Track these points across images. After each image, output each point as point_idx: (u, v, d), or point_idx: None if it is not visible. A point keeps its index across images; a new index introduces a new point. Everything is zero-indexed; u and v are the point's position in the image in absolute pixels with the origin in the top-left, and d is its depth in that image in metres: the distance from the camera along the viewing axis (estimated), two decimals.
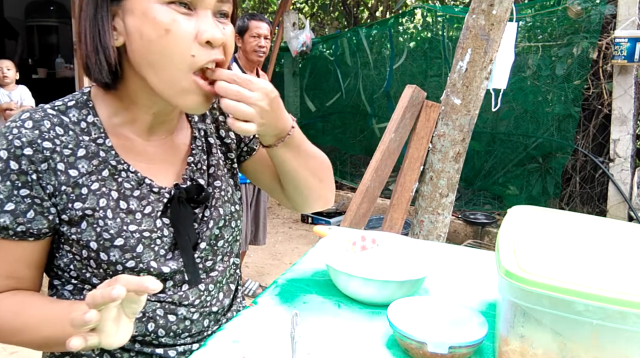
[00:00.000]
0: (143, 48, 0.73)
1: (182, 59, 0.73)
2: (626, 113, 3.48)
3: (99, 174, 0.79)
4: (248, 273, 3.63)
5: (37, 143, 0.74)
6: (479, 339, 0.77)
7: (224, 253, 0.94)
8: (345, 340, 0.85)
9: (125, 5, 0.73)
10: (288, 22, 5.29)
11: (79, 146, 0.78)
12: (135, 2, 0.72)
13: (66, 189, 0.77)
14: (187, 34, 0.72)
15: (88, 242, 0.78)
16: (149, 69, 0.74)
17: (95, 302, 0.60)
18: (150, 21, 0.71)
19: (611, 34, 3.47)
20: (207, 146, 0.95)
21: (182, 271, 0.85)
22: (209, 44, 0.73)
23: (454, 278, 1.11)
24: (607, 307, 0.63)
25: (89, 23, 0.75)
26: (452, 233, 4.05)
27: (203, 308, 0.90)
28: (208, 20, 0.73)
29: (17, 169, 0.73)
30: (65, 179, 0.76)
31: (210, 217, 0.90)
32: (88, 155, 0.79)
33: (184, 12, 0.72)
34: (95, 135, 0.80)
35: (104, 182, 0.80)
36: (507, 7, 2.09)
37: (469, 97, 2.17)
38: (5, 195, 0.74)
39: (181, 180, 0.89)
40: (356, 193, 2.25)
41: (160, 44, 0.72)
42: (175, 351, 0.87)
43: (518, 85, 3.97)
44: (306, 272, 1.12)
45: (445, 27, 4.62)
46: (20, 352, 2.68)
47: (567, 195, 3.95)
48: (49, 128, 0.76)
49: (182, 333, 0.87)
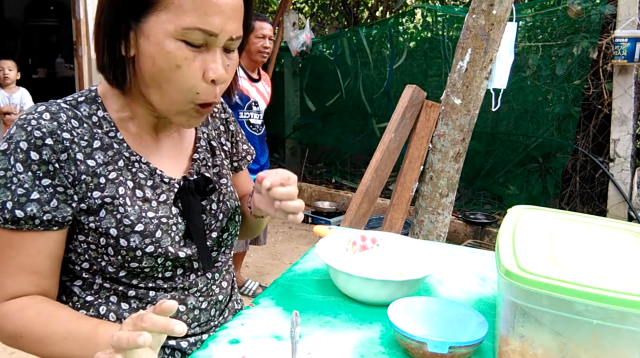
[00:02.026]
0: (154, 73, 0.78)
1: (188, 93, 0.79)
2: (626, 113, 3.49)
3: (115, 164, 0.83)
4: (248, 273, 3.63)
5: (57, 133, 0.77)
6: (479, 339, 0.77)
7: (227, 245, 0.99)
8: (345, 340, 0.85)
9: (142, 28, 0.77)
10: (288, 22, 5.29)
11: (94, 138, 0.82)
12: (152, 29, 0.76)
13: (85, 178, 0.80)
14: (196, 72, 0.77)
15: (108, 229, 0.81)
16: (155, 89, 0.80)
17: (120, 346, 0.60)
18: (164, 54, 0.75)
19: (611, 33, 3.47)
20: (211, 148, 1.01)
21: (192, 259, 0.89)
22: (214, 81, 0.79)
23: (454, 278, 1.11)
24: (607, 307, 0.63)
25: (107, 32, 0.80)
26: (452, 233, 4.05)
27: (210, 297, 0.94)
28: (216, 58, 0.78)
29: (38, 159, 0.76)
30: (84, 168, 0.80)
31: (220, 210, 0.96)
32: (103, 147, 0.83)
33: (194, 50, 0.77)
34: (106, 128, 0.84)
35: (120, 172, 0.83)
36: (507, 7, 2.09)
37: (469, 97, 2.17)
38: (29, 185, 0.76)
39: (188, 173, 0.94)
40: (356, 193, 2.25)
41: (169, 75, 0.77)
42: (187, 342, 0.90)
43: (518, 85, 3.97)
44: (306, 272, 1.12)
45: (445, 27, 4.62)
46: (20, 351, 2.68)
47: (567, 195, 3.95)
48: (66, 120, 0.79)
49: (192, 323, 0.91)
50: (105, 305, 0.86)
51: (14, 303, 0.79)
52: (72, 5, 4.32)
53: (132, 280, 0.85)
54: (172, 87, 0.78)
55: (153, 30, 0.76)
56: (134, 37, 0.78)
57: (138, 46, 0.78)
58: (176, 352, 0.89)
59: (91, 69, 4.38)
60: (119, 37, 0.79)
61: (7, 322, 0.78)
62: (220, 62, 0.79)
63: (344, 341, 0.84)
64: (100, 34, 0.81)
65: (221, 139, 1.05)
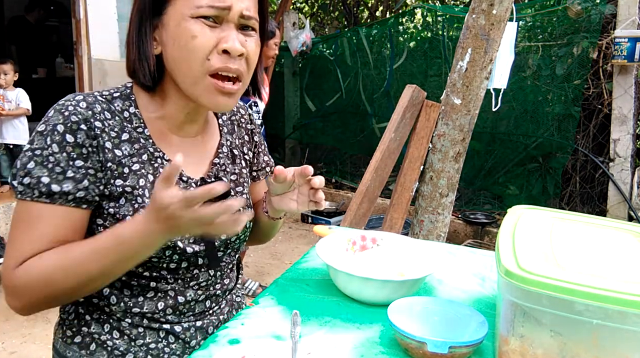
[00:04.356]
0: (174, 53, 0.85)
1: (200, 62, 0.83)
2: (626, 113, 3.49)
3: (139, 156, 0.88)
4: (248, 273, 3.63)
5: (90, 121, 0.83)
6: (479, 339, 0.77)
7: (234, 248, 1.02)
8: (345, 340, 0.85)
9: (164, 20, 0.86)
10: (288, 22, 5.30)
11: (123, 131, 0.88)
12: (171, 17, 0.85)
13: (111, 166, 0.85)
14: (209, 41, 0.83)
15: (124, 216, 0.86)
16: (178, 72, 0.86)
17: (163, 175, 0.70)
18: (182, 30, 0.83)
19: (611, 33, 3.48)
20: (232, 155, 1.05)
21: (198, 255, 0.92)
22: (226, 53, 0.84)
23: (454, 278, 1.11)
24: (607, 307, 0.63)
25: (135, 34, 0.88)
26: (452, 233, 4.06)
27: (208, 291, 0.98)
28: (230, 32, 0.84)
29: (73, 142, 0.82)
30: (111, 156, 0.85)
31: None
32: (130, 140, 0.88)
33: (210, 24, 0.83)
34: (135, 124, 0.90)
35: (143, 165, 0.89)
36: (507, 7, 2.09)
37: (469, 97, 2.17)
38: (64, 164, 0.81)
39: (207, 176, 0.98)
40: (356, 193, 2.25)
41: (186, 48, 0.83)
42: (181, 327, 0.94)
43: (518, 85, 3.97)
44: (306, 272, 1.12)
45: (445, 27, 4.62)
46: (20, 351, 2.69)
47: (567, 195, 3.95)
48: (100, 111, 0.86)
49: (187, 312, 0.95)
50: (109, 287, 0.89)
51: (30, 259, 0.81)
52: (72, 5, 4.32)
53: (138, 268, 0.88)
54: (191, 56, 0.83)
55: (172, 18, 0.84)
56: (158, 34, 0.87)
57: (162, 40, 0.86)
58: (170, 335, 0.93)
59: (91, 69, 4.38)
60: (146, 37, 0.87)
61: (33, 272, 0.80)
62: (235, 37, 0.84)
63: (343, 341, 0.84)
64: (131, 42, 0.88)
65: (244, 149, 1.09)
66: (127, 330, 0.90)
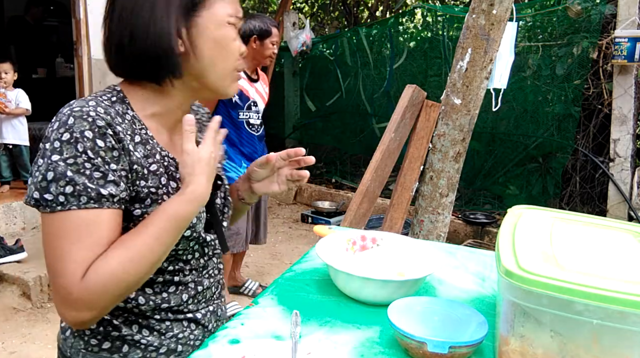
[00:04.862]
0: (213, 52, 0.93)
1: (235, 60, 0.97)
2: (626, 113, 3.49)
3: (153, 157, 0.91)
4: (248, 273, 3.63)
5: (113, 125, 0.85)
6: (479, 339, 0.77)
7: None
8: (345, 340, 0.85)
9: (198, 21, 0.91)
10: (288, 21, 5.30)
11: (135, 133, 0.89)
12: (210, 19, 0.92)
13: (137, 168, 0.87)
14: (239, 44, 0.97)
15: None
16: (211, 69, 0.94)
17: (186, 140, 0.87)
18: (223, 33, 0.94)
19: (611, 33, 3.48)
20: None
21: (210, 243, 1.00)
22: (241, 54, 0.98)
23: (454, 278, 1.11)
24: (607, 307, 0.63)
25: (164, 28, 0.89)
26: (452, 233, 4.05)
27: (214, 277, 1.04)
28: (238, 37, 0.97)
29: (104, 146, 0.82)
30: (135, 158, 0.87)
31: (225, 204, 1.07)
32: (142, 141, 0.90)
33: (234, 30, 0.96)
34: (138, 126, 0.92)
35: (159, 165, 0.92)
36: (507, 7, 2.09)
37: (469, 97, 2.17)
38: (103, 169, 0.82)
39: None
40: (356, 193, 2.25)
41: (227, 49, 0.95)
42: (200, 314, 1.00)
43: (518, 85, 3.97)
44: (306, 272, 1.12)
45: (445, 27, 4.62)
46: (20, 351, 2.68)
47: (567, 195, 3.95)
48: (115, 114, 0.87)
49: (202, 299, 1.01)
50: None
51: (94, 265, 0.81)
52: (72, 5, 4.31)
53: (163, 263, 0.91)
54: (230, 56, 0.95)
55: (211, 21, 0.92)
56: (185, 33, 0.90)
57: (192, 40, 0.91)
58: (192, 323, 0.98)
59: (91, 69, 4.37)
60: (177, 33, 0.89)
61: (105, 273, 0.80)
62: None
63: (343, 341, 0.84)
64: (152, 35, 0.89)
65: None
66: (157, 326, 0.94)
